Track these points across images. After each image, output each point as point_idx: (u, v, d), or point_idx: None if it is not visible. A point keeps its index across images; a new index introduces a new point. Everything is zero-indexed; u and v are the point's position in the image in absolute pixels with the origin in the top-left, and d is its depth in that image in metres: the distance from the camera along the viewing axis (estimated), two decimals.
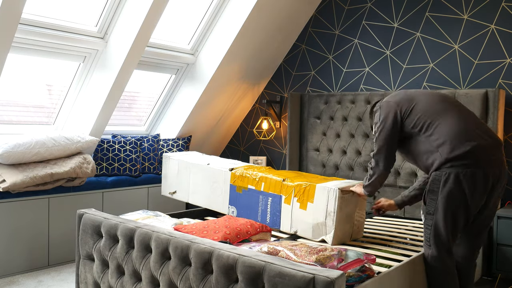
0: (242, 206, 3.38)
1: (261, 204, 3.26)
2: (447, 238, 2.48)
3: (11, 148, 3.55)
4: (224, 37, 4.56)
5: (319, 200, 2.95)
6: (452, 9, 4.06)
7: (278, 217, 3.16)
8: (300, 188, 3.06)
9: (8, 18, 3.11)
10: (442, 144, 2.45)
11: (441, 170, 2.45)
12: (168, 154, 3.96)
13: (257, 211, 3.29)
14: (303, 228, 3.02)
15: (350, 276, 2.01)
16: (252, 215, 3.30)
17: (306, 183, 3.05)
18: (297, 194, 3.07)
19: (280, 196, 3.15)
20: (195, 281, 2.03)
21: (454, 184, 2.41)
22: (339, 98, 4.40)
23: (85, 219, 2.63)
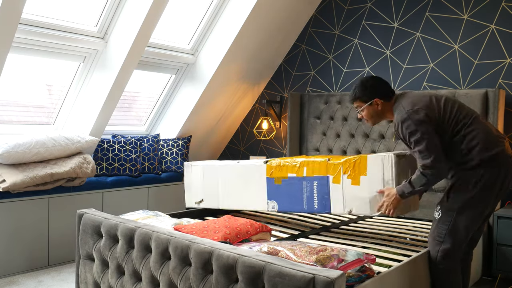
0: (284, 198, 3.19)
1: (305, 190, 3.08)
2: (465, 235, 2.55)
3: (11, 148, 3.55)
4: (224, 37, 4.56)
5: (374, 171, 2.81)
6: (452, 9, 4.06)
7: (327, 200, 2.99)
8: (349, 163, 2.90)
9: (8, 18, 3.11)
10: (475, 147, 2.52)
11: (475, 170, 2.52)
12: (189, 162, 3.68)
13: (302, 199, 3.10)
14: (359, 205, 2.88)
15: (350, 276, 2.01)
16: (296, 205, 3.11)
17: (354, 157, 2.94)
18: (346, 170, 2.90)
19: (327, 177, 2.98)
20: (195, 281, 2.03)
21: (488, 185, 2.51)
22: (339, 98, 4.40)
23: (85, 219, 2.63)
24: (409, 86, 4.27)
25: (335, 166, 2.98)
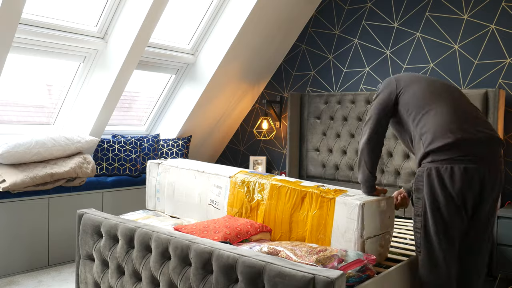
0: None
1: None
2: (439, 244, 2.20)
3: (11, 148, 3.55)
4: (224, 37, 4.56)
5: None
6: (452, 9, 4.06)
7: None
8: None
9: (8, 18, 3.11)
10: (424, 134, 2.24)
11: (423, 165, 2.24)
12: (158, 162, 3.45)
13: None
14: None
15: (350, 277, 2.01)
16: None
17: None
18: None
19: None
20: (195, 281, 2.03)
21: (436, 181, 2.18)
22: (339, 98, 4.40)
23: (85, 219, 2.63)
24: None
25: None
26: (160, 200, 3.40)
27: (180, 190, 3.26)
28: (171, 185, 3.32)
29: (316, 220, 2.51)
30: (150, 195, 3.49)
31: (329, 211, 2.45)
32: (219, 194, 2.99)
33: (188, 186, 3.20)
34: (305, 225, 2.57)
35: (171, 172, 3.33)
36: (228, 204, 2.94)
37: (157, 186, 3.41)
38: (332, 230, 2.43)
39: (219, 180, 3.01)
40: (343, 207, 2.39)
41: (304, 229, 2.57)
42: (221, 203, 2.98)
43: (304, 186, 2.65)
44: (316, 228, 2.51)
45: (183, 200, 3.25)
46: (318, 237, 2.50)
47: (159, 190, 3.40)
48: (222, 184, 2.99)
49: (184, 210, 3.23)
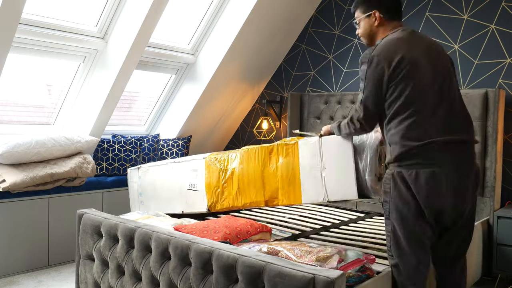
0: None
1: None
2: (408, 248, 2.13)
3: (11, 148, 3.55)
4: (224, 37, 4.56)
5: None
6: (452, 9, 4.06)
7: None
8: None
9: (8, 18, 3.11)
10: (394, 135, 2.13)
11: (390, 168, 2.17)
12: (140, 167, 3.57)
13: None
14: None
15: (350, 276, 2.01)
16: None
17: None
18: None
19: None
20: (195, 281, 2.03)
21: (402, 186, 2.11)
22: (339, 98, 4.40)
23: (85, 219, 2.63)
24: None
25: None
26: (144, 202, 3.47)
27: (161, 186, 3.36)
28: (151, 185, 3.42)
29: (284, 168, 2.73)
30: (133, 200, 3.56)
31: (295, 155, 2.69)
32: (196, 177, 3.14)
33: (167, 180, 3.32)
34: (276, 176, 2.76)
35: (150, 172, 3.43)
36: (205, 183, 3.10)
37: (139, 190, 3.49)
38: (300, 172, 2.66)
39: (194, 164, 3.17)
40: (305, 147, 2.64)
41: (276, 180, 2.76)
42: (199, 185, 3.13)
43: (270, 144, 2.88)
44: (286, 174, 2.72)
45: (165, 194, 3.33)
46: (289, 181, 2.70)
47: (141, 194, 3.48)
48: (198, 166, 3.15)
49: (167, 203, 3.31)
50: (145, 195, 3.46)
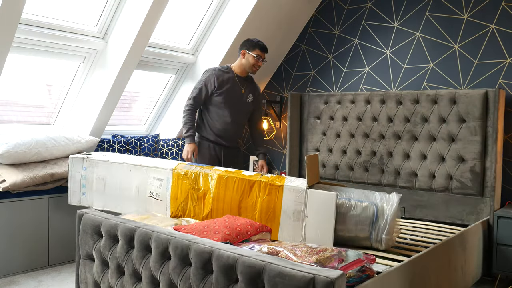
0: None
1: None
2: None
3: (11, 148, 3.55)
4: (224, 37, 4.56)
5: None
6: (452, 9, 4.06)
7: None
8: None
9: (8, 18, 3.11)
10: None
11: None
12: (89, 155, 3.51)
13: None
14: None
15: (350, 277, 2.01)
16: None
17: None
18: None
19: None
20: (195, 281, 2.03)
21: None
22: (339, 98, 4.40)
23: (85, 219, 2.63)
24: (409, 86, 4.27)
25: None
26: (87, 195, 3.43)
27: (113, 184, 3.31)
28: (101, 179, 3.36)
29: (265, 205, 2.81)
30: (74, 190, 3.51)
31: (278, 196, 2.78)
32: (160, 186, 3.13)
33: (123, 180, 3.28)
34: (254, 209, 2.85)
35: (100, 166, 3.37)
36: (171, 195, 3.09)
37: (82, 181, 3.44)
38: (281, 213, 2.77)
39: (159, 172, 3.15)
40: (291, 193, 2.73)
41: (253, 213, 2.85)
42: (163, 194, 3.12)
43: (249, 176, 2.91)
44: (265, 211, 2.82)
45: (116, 193, 3.30)
46: (268, 218, 2.81)
47: (85, 185, 3.44)
48: (163, 176, 3.14)
49: (118, 202, 3.29)
50: (89, 188, 3.40)
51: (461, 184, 3.71)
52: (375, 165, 4.15)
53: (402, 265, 2.38)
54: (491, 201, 3.59)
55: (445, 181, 3.79)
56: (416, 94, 3.94)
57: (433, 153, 3.85)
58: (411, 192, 3.95)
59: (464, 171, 3.70)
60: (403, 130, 4.00)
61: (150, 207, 3.16)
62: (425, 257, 2.60)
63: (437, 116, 3.83)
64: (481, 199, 3.64)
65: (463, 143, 3.71)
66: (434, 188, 3.84)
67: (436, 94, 3.84)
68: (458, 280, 3.02)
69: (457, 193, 3.75)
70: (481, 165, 3.63)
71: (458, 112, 3.74)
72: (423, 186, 3.89)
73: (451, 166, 3.76)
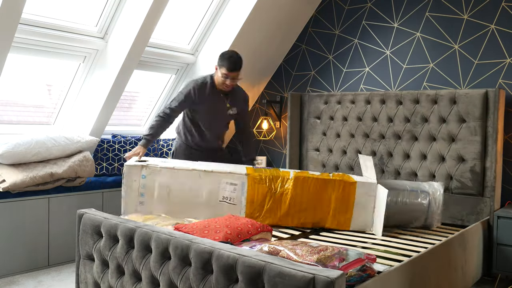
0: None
1: None
2: None
3: (11, 148, 3.55)
4: (224, 37, 4.56)
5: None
6: (452, 9, 4.06)
7: None
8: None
9: (8, 18, 3.11)
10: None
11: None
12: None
13: None
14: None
15: (351, 276, 2.01)
16: None
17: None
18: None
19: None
20: (195, 281, 2.03)
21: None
22: (339, 98, 4.40)
23: (85, 219, 2.63)
24: (409, 86, 4.27)
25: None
26: (146, 203, 3.24)
27: (180, 191, 3.24)
28: (164, 187, 3.21)
29: (339, 201, 3.25)
30: (129, 200, 3.21)
31: (351, 192, 3.26)
32: (234, 191, 3.25)
33: (192, 186, 3.24)
34: (329, 205, 3.26)
35: (163, 174, 3.24)
36: (247, 199, 3.24)
37: (141, 190, 3.25)
38: (354, 205, 3.26)
39: (232, 178, 3.27)
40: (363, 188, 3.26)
41: (328, 209, 3.26)
42: (237, 199, 3.24)
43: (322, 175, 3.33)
44: (340, 206, 3.25)
45: (184, 200, 3.24)
46: (340, 212, 3.26)
47: (143, 194, 3.25)
48: (237, 181, 3.26)
49: (185, 209, 3.23)
50: (149, 197, 3.25)
51: (461, 184, 3.71)
52: (375, 165, 4.14)
53: (402, 265, 2.38)
54: (491, 201, 3.59)
55: (445, 181, 3.79)
56: (416, 94, 3.94)
57: (433, 153, 3.85)
58: None
59: (464, 171, 3.70)
60: (403, 130, 4.00)
61: (223, 212, 3.21)
62: (425, 257, 2.60)
63: (437, 116, 3.83)
64: (481, 199, 3.64)
65: (463, 143, 3.71)
66: None
67: (436, 94, 3.84)
68: (458, 280, 3.02)
69: (457, 193, 3.75)
70: (481, 165, 3.63)
71: (458, 112, 3.74)
72: None
73: (451, 166, 3.76)
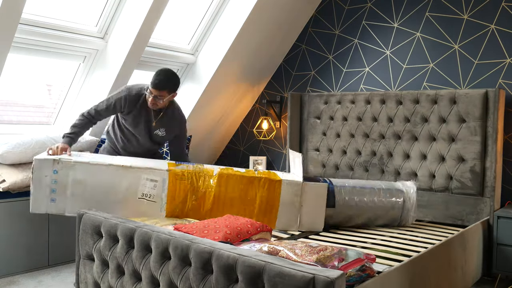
0: None
1: None
2: None
3: (11, 148, 3.55)
4: (224, 37, 4.56)
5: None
6: (452, 9, 4.06)
7: None
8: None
9: (8, 18, 3.11)
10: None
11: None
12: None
13: None
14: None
15: (350, 276, 2.01)
16: None
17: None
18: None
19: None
20: (195, 281, 2.03)
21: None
22: (339, 98, 4.40)
23: (85, 219, 2.63)
24: (409, 86, 4.27)
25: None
26: (57, 201, 3.01)
27: (95, 188, 3.03)
28: (79, 183, 3.01)
29: (264, 199, 3.17)
30: (38, 196, 2.98)
31: (276, 191, 3.19)
32: (154, 187, 3.11)
33: (108, 182, 3.04)
34: (254, 203, 3.17)
35: (77, 168, 3.02)
36: (168, 196, 3.09)
37: (52, 186, 2.99)
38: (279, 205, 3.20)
39: (153, 174, 3.10)
40: (289, 187, 3.20)
41: (253, 207, 3.17)
42: (158, 196, 3.09)
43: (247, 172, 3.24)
44: (265, 204, 3.17)
45: (100, 197, 3.03)
46: (266, 211, 3.18)
47: (55, 190, 3.01)
48: (158, 177, 3.10)
49: (102, 207, 2.98)
50: (61, 193, 3.00)
51: (461, 184, 3.71)
52: (375, 165, 4.15)
53: (402, 265, 2.38)
54: (491, 201, 3.59)
55: (445, 181, 3.79)
56: (416, 94, 3.94)
57: (433, 153, 3.85)
58: None
59: (464, 171, 3.70)
60: (403, 130, 4.00)
61: (142, 209, 3.06)
62: (425, 257, 2.60)
63: (437, 116, 3.83)
64: (481, 199, 3.64)
65: (463, 143, 3.71)
66: (434, 188, 3.84)
67: (436, 94, 3.84)
68: (458, 280, 3.02)
69: (457, 193, 3.75)
70: (481, 165, 3.63)
71: (458, 112, 3.74)
72: (423, 186, 3.89)
73: (451, 166, 3.76)
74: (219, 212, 3.11)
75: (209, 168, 3.21)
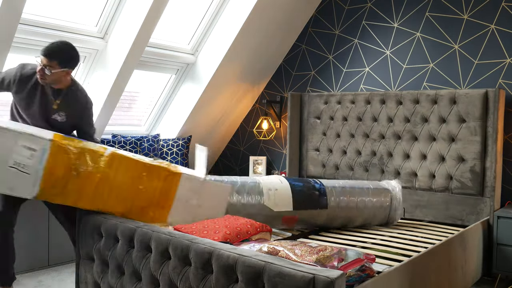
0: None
1: None
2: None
3: None
4: (224, 37, 4.56)
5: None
6: (452, 9, 4.06)
7: None
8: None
9: (8, 18, 3.11)
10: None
11: None
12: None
13: None
14: None
15: (350, 276, 2.01)
16: None
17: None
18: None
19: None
20: (195, 281, 2.04)
21: None
22: (339, 98, 4.40)
23: (85, 219, 2.63)
24: (409, 86, 4.27)
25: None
26: None
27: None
28: None
29: (158, 191, 2.72)
30: None
31: (173, 184, 2.75)
32: (31, 157, 2.59)
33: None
34: (146, 194, 2.70)
35: None
36: (46, 169, 2.58)
37: None
38: (174, 199, 2.76)
39: (32, 141, 2.59)
40: (188, 182, 2.79)
41: (146, 198, 2.71)
42: (34, 168, 2.58)
43: (145, 159, 2.77)
44: (158, 197, 2.73)
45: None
46: (158, 204, 2.74)
47: None
48: (38, 146, 2.59)
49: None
50: None
51: (461, 184, 3.71)
52: (375, 165, 4.15)
53: (402, 265, 2.38)
54: (491, 201, 3.59)
55: (445, 181, 3.79)
56: (416, 94, 3.94)
57: (433, 153, 3.85)
58: (411, 192, 3.95)
59: (464, 171, 3.70)
60: (403, 130, 4.00)
61: (12, 181, 2.57)
62: (425, 257, 2.60)
63: (437, 116, 3.83)
64: (481, 199, 3.64)
65: (463, 143, 3.71)
66: (434, 188, 3.84)
67: (436, 94, 3.84)
68: (458, 280, 3.02)
69: (457, 193, 3.75)
70: (481, 165, 3.63)
71: (458, 112, 3.74)
72: (423, 186, 3.89)
73: (451, 166, 3.76)
74: (102, 198, 2.64)
75: (102, 147, 2.73)
